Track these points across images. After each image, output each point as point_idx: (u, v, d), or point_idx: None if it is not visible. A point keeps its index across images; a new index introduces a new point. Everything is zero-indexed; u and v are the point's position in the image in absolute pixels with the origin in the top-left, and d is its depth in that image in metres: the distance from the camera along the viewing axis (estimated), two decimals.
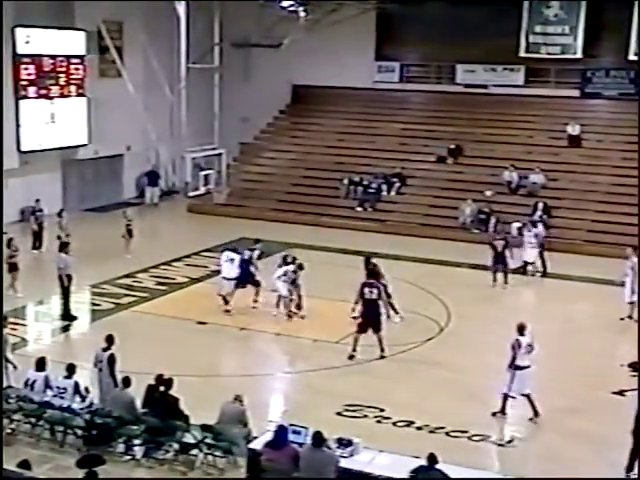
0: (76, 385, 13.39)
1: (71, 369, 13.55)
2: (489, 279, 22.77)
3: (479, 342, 18.30)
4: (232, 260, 20.20)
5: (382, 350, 17.49)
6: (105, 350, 13.99)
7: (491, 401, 15.35)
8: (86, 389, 13.62)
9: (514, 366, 14.68)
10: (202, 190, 32.52)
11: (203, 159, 33.65)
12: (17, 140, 28.82)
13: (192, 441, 12.63)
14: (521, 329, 14.94)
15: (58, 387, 13.41)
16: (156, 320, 19.49)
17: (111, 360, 13.88)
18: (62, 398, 13.25)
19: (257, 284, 20.30)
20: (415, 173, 32.37)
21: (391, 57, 36.21)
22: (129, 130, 32.37)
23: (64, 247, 20.64)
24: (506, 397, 14.81)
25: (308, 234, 27.92)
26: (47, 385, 13.52)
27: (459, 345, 18.23)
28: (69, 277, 19.75)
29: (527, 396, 14.70)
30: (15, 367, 14.74)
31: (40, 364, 13.77)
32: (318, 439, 11.07)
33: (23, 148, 29.07)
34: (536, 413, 14.71)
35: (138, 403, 13.24)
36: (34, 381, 13.58)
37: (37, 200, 26.31)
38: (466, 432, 14.09)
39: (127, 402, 13.11)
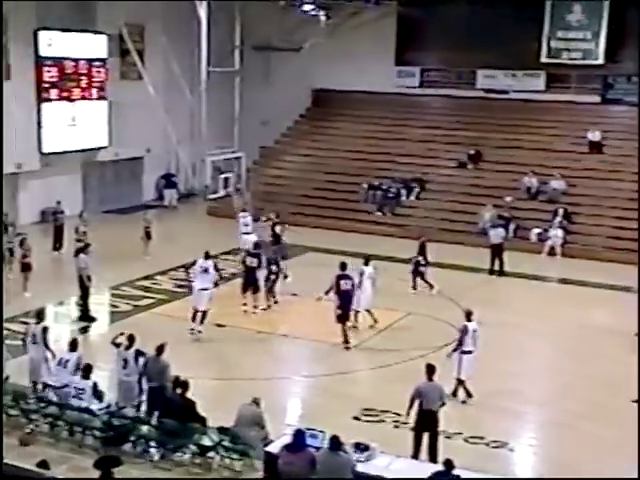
0: (94, 386, 13.49)
1: (88, 370, 13.64)
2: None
3: (497, 347, 18.21)
4: (207, 270, 19.08)
5: (346, 342, 18.17)
6: (128, 349, 14.14)
7: (510, 407, 15.33)
8: (101, 392, 13.70)
9: (461, 350, 15.36)
10: (222, 193, 32.60)
11: (223, 162, 33.75)
12: (38, 142, 29.03)
13: (209, 443, 12.65)
14: (468, 315, 15.63)
15: (76, 387, 13.50)
16: (174, 322, 19.52)
17: (137, 355, 14.06)
18: (81, 399, 13.34)
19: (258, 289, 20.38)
20: (435, 178, 32.34)
21: (411, 62, 36.14)
22: (149, 133, 32.53)
23: (85, 247, 20.80)
24: (460, 381, 15.37)
25: (327, 238, 27.92)
26: (78, 366, 13.75)
27: (477, 351, 18.17)
28: (89, 277, 19.91)
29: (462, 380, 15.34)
30: (53, 355, 14.79)
31: (73, 345, 14.14)
32: (335, 443, 11.08)
33: (44, 150, 29.26)
34: (469, 394, 15.41)
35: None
36: (67, 360, 13.89)
37: (58, 202, 26.49)
38: (483, 438, 14.04)
39: (162, 368, 13.58)
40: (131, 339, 14.23)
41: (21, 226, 26.27)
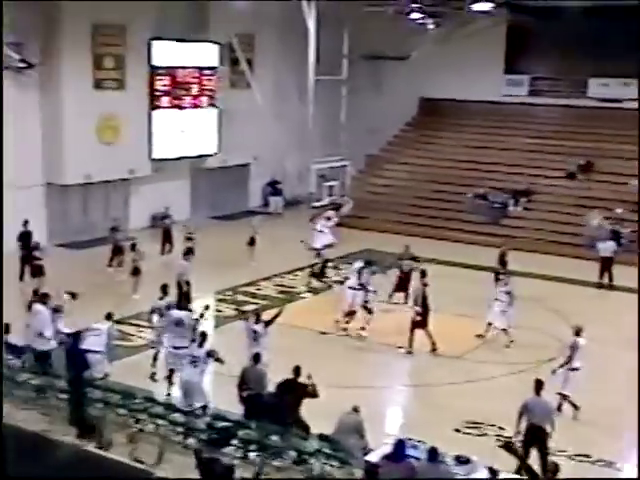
0: (208, 353, 14.26)
1: (203, 337, 14.49)
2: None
3: (603, 364, 17.71)
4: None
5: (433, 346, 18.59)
6: (256, 323, 15.43)
7: (621, 426, 14.87)
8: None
9: (570, 367, 15.15)
10: (326, 201, 32.72)
11: (328, 170, 33.87)
12: (149, 148, 29.79)
13: (309, 450, 12.68)
14: (578, 331, 15.48)
15: (192, 355, 14.36)
16: (277, 328, 19.61)
17: (267, 326, 15.31)
18: (195, 366, 14.15)
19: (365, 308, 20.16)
20: (543, 189, 31.75)
21: (521, 70, 35.65)
22: (257, 140, 32.91)
23: (186, 253, 21.23)
24: (565, 397, 15.11)
25: (431, 248, 27.67)
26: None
27: (584, 366, 17.70)
28: (187, 282, 20.32)
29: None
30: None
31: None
32: (433, 454, 10.97)
33: (155, 156, 30.00)
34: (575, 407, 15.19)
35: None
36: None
37: (166, 207, 27.07)
38: (589, 456, 13.67)
39: (259, 376, 13.93)
40: (258, 314, 15.52)
41: (131, 230, 26.98)
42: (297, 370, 13.62)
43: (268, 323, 15.75)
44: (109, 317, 15.79)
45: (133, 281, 21.98)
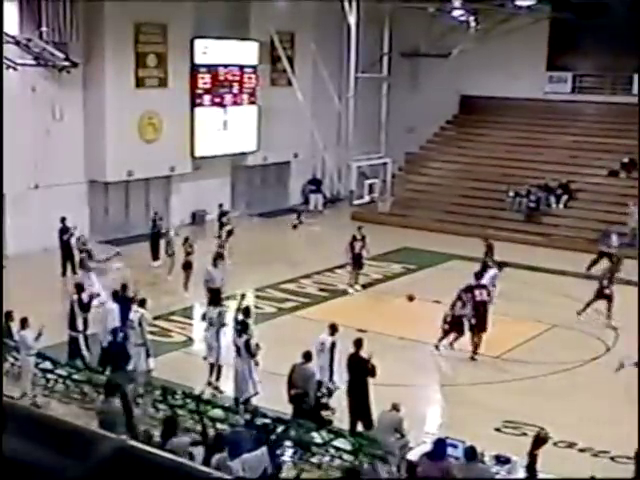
0: (246, 343, 14.47)
1: (243, 326, 14.80)
2: None
3: None
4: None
5: (476, 352, 17.75)
6: (331, 335, 14.97)
7: None
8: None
9: None
10: (366, 199, 32.70)
11: (368, 168, 33.85)
12: (191, 146, 29.96)
13: (348, 448, 12.69)
14: None
15: (235, 345, 14.67)
16: (317, 326, 19.66)
17: (333, 346, 14.80)
18: (240, 355, 14.50)
19: None
20: (585, 187, 31.41)
21: (563, 67, 35.29)
22: (297, 138, 32.98)
23: (216, 258, 20.99)
24: None
25: (472, 246, 27.51)
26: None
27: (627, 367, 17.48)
28: (218, 290, 19.89)
29: None
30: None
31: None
32: (471, 454, 10.93)
33: (196, 154, 30.16)
34: None
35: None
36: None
37: (220, 204, 27.04)
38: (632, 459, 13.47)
39: (307, 375, 13.92)
40: (333, 328, 15.01)
41: (172, 227, 27.08)
42: (359, 342, 13.87)
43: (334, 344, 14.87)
44: (142, 304, 15.85)
45: (185, 276, 21.73)
